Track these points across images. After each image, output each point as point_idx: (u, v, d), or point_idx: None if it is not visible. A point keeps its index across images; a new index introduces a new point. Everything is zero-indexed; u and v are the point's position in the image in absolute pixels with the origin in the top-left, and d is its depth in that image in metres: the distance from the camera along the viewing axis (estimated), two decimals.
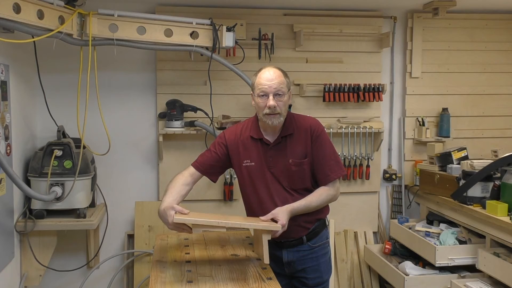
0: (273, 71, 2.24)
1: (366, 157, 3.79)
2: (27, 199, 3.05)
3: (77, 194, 3.01)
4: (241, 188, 2.42)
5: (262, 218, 2.17)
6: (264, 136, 2.32)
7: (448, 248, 3.18)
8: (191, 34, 3.08)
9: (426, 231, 3.42)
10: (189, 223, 2.10)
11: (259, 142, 2.32)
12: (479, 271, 3.08)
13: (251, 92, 2.33)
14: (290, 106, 2.42)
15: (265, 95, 2.22)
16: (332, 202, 2.38)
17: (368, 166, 3.81)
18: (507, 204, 2.92)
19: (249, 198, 2.37)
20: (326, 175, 2.30)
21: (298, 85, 3.66)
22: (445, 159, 3.53)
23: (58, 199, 2.95)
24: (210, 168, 2.39)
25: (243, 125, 2.43)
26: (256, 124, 2.35)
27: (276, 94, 2.21)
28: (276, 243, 2.38)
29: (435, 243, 3.22)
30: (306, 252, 2.38)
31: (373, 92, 3.68)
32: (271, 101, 2.19)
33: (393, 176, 3.89)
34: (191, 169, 2.39)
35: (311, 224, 2.36)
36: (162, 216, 2.17)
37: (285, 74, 2.29)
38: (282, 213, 2.15)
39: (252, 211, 2.37)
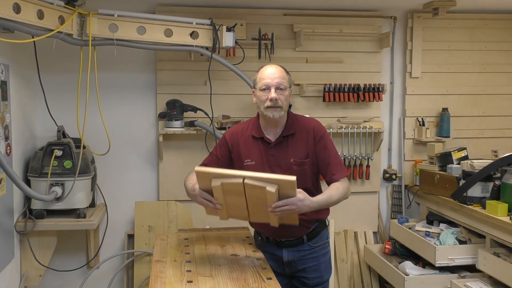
0: (276, 67, 2.30)
1: (366, 157, 3.79)
2: (27, 199, 3.05)
3: (77, 194, 3.01)
4: None
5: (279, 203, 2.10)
6: (265, 135, 2.33)
7: (448, 248, 3.18)
8: (191, 34, 3.08)
9: (426, 231, 3.42)
10: (211, 173, 2.05)
11: (260, 141, 2.34)
12: (479, 271, 3.07)
13: (253, 89, 2.36)
14: (290, 106, 2.44)
15: (267, 88, 2.25)
16: (346, 198, 2.31)
17: (368, 166, 3.81)
18: (507, 204, 2.92)
19: None
20: (332, 174, 2.32)
21: (298, 85, 3.66)
22: (445, 159, 3.53)
23: (58, 199, 2.95)
24: None
25: (243, 124, 2.44)
26: (257, 124, 2.36)
27: (278, 88, 2.25)
28: (277, 243, 2.38)
29: (435, 243, 3.22)
30: (306, 252, 2.38)
31: (373, 92, 3.68)
32: (273, 94, 2.23)
33: (393, 176, 3.89)
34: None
35: (312, 224, 2.37)
36: (189, 191, 2.26)
37: (286, 71, 2.33)
38: (299, 206, 2.07)
39: None
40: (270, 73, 2.27)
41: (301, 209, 2.07)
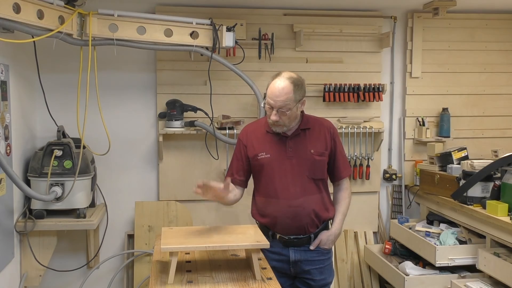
0: (282, 87, 2.29)
1: (366, 157, 3.78)
2: (27, 199, 3.05)
3: (77, 194, 3.01)
4: (255, 180, 2.48)
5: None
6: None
7: (448, 248, 3.18)
8: (191, 34, 3.08)
9: (426, 231, 3.42)
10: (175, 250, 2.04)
11: (275, 134, 2.40)
12: (479, 271, 3.07)
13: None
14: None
15: (271, 107, 2.32)
16: None
17: (368, 166, 3.81)
18: (507, 204, 2.92)
19: (262, 190, 2.42)
20: (340, 172, 2.49)
21: None
22: (445, 159, 3.53)
23: (58, 199, 2.95)
24: (244, 175, 2.51)
25: (257, 121, 2.58)
26: None
27: (281, 110, 2.29)
28: (284, 241, 2.40)
29: (435, 243, 3.22)
30: (312, 252, 2.40)
31: (373, 92, 3.68)
32: (273, 116, 2.30)
33: (393, 176, 3.89)
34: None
35: (321, 223, 2.44)
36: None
37: (296, 87, 2.31)
38: (329, 242, 2.46)
39: (266, 203, 2.41)
40: (275, 94, 2.28)
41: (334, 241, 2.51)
